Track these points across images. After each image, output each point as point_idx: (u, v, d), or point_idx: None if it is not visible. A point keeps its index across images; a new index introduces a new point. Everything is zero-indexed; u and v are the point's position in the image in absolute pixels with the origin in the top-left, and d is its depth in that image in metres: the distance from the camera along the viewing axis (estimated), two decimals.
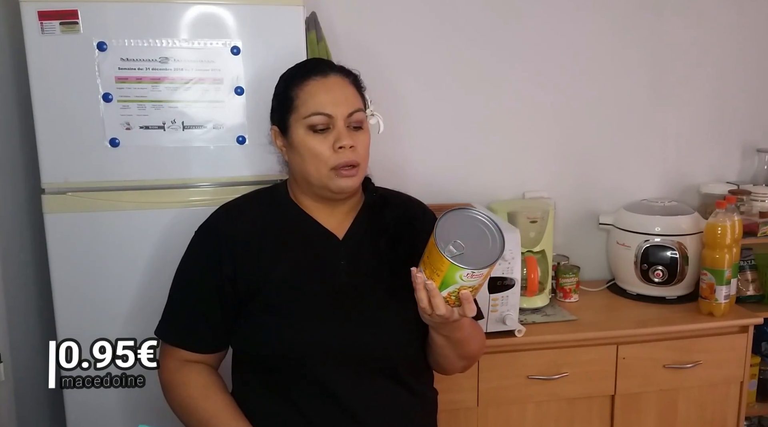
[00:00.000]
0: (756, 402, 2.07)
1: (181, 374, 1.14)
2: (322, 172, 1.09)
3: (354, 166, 1.09)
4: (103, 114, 1.44)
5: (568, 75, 2.14)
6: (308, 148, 1.09)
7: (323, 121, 1.08)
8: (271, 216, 1.16)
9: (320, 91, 1.09)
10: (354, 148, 1.08)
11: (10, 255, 1.55)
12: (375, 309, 1.11)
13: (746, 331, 1.84)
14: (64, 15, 1.39)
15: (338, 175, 1.09)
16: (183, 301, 1.16)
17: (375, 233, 1.16)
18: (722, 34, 2.23)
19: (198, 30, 1.45)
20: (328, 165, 1.08)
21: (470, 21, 2.05)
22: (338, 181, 1.09)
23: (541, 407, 1.76)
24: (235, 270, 1.10)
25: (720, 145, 2.30)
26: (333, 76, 1.11)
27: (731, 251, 1.83)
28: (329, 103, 1.08)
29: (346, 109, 1.09)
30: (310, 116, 1.08)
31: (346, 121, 1.09)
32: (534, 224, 1.90)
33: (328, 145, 1.08)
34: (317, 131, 1.08)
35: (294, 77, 1.13)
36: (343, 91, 1.10)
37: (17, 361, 1.54)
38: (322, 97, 1.08)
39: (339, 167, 1.08)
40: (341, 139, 1.07)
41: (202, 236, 1.17)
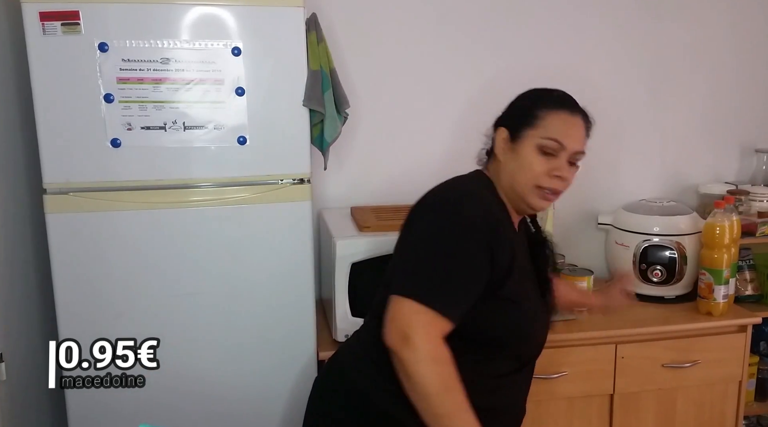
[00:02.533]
0: (754, 401, 2.08)
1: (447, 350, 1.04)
2: (528, 186, 1.18)
3: (556, 193, 1.20)
4: (104, 115, 1.45)
5: (568, 76, 2.14)
6: (529, 162, 1.18)
7: (555, 149, 1.17)
8: (498, 208, 1.22)
9: (566, 123, 1.20)
10: (566, 181, 1.20)
11: (11, 255, 1.56)
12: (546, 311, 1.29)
13: (745, 330, 1.85)
14: (65, 16, 1.40)
15: (540, 195, 1.19)
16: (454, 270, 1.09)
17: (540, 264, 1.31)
18: (720, 34, 2.23)
19: (199, 31, 1.46)
20: (536, 182, 1.17)
21: (470, 22, 2.05)
22: (537, 200, 1.20)
23: (540, 406, 1.76)
24: (493, 251, 1.12)
25: (718, 145, 2.31)
26: (579, 117, 1.23)
27: (730, 250, 1.84)
28: (568, 137, 1.18)
29: (577, 147, 1.20)
30: (548, 139, 1.17)
31: (571, 157, 1.19)
32: None
33: (546, 168, 1.17)
34: (545, 153, 1.17)
35: (547, 101, 1.24)
36: (581, 132, 1.23)
37: (18, 361, 1.54)
38: (566, 130, 1.19)
39: (545, 188, 1.18)
40: (561, 169, 1.18)
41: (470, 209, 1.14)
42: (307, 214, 1.59)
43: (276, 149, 1.55)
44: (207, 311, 1.57)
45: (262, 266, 1.58)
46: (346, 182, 2.03)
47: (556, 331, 1.76)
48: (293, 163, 1.57)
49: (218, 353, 1.59)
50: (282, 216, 1.57)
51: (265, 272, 1.59)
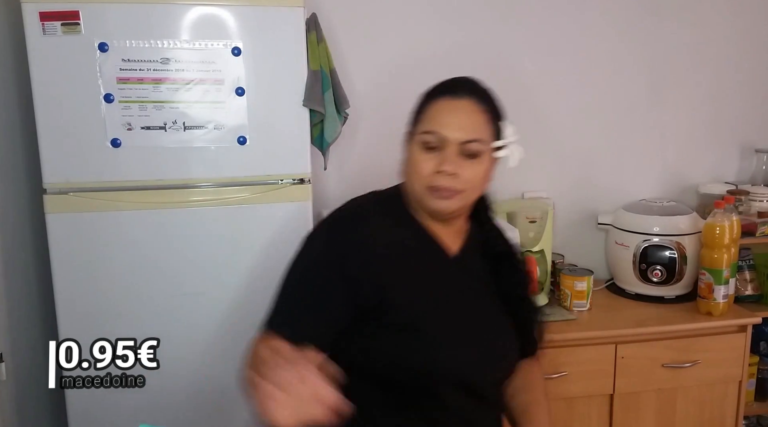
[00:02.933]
0: (754, 401, 2.08)
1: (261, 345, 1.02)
2: (421, 189, 1.07)
3: (450, 190, 1.05)
4: (104, 115, 1.45)
5: (568, 75, 2.15)
6: (414, 161, 1.07)
7: (435, 141, 1.04)
8: (395, 226, 1.11)
9: (444, 111, 1.07)
10: (456, 176, 1.04)
11: (11, 255, 1.56)
12: (496, 336, 1.12)
13: (745, 330, 1.85)
14: (65, 16, 1.40)
15: (433, 194, 1.05)
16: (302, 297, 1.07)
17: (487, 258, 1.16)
18: (720, 35, 2.23)
19: (199, 31, 1.46)
20: (425, 182, 1.05)
21: (470, 22, 2.05)
22: (433, 201, 1.06)
23: None
24: (363, 280, 1.04)
25: (718, 145, 2.31)
26: (465, 99, 1.07)
27: (729, 250, 1.84)
28: (447, 125, 1.05)
29: (462, 136, 1.04)
30: (425, 133, 1.06)
31: (460, 147, 1.04)
32: (533, 224, 1.91)
33: (432, 165, 1.05)
34: (428, 149, 1.05)
35: (431, 92, 1.12)
36: (468, 117, 1.06)
37: (18, 361, 1.54)
38: (443, 118, 1.06)
39: (435, 188, 1.05)
40: (443, 164, 1.04)
41: (333, 236, 1.09)
42: (307, 214, 1.59)
43: (276, 149, 1.55)
44: (207, 311, 1.56)
45: (262, 266, 1.58)
46: (346, 182, 2.03)
47: (556, 331, 1.76)
48: (293, 164, 1.57)
49: (218, 353, 1.59)
50: (282, 216, 1.57)
51: (266, 272, 1.58)
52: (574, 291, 1.91)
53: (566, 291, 1.92)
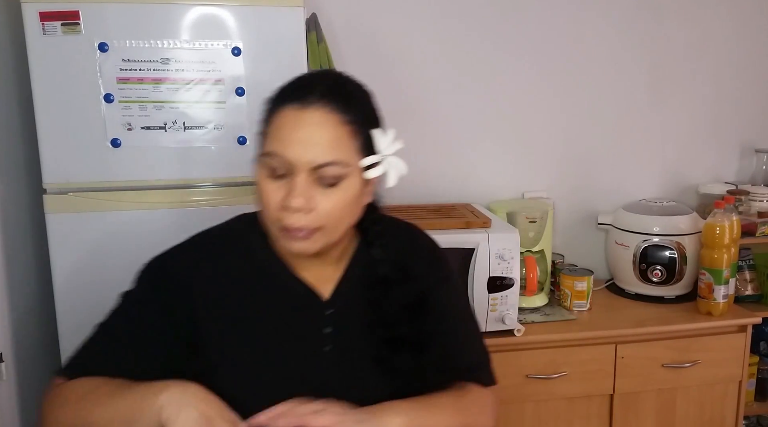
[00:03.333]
0: (754, 401, 2.08)
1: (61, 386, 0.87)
2: (273, 227, 0.85)
3: (303, 230, 0.83)
4: (104, 114, 1.45)
5: (568, 76, 2.15)
6: (260, 194, 0.85)
7: (282, 166, 0.81)
8: (241, 264, 0.91)
9: (288, 125, 0.82)
10: (309, 210, 0.81)
11: (11, 255, 1.55)
12: (360, 395, 0.87)
13: (745, 330, 1.85)
14: (65, 16, 1.40)
15: (285, 235, 0.83)
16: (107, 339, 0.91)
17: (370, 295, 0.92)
18: (721, 34, 2.23)
19: (199, 31, 1.46)
20: (274, 219, 0.84)
21: (471, 22, 2.05)
22: (285, 242, 0.85)
23: (539, 406, 1.76)
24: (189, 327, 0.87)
25: (718, 145, 2.31)
26: (314, 108, 0.81)
27: (729, 250, 1.84)
28: (293, 145, 0.81)
29: (314, 159, 0.80)
30: (265, 155, 0.83)
31: (314, 173, 0.81)
32: (533, 224, 1.91)
33: (280, 197, 0.82)
34: (276, 176, 0.83)
35: (276, 96, 0.87)
36: (320, 133, 0.81)
37: (18, 360, 1.54)
38: (288, 135, 0.81)
39: (285, 228, 0.83)
40: (290, 196, 0.80)
41: (152, 279, 0.92)
42: None
43: None
44: None
45: None
46: None
47: (556, 331, 1.76)
48: None
49: None
50: None
51: None
52: (574, 291, 1.91)
53: (566, 291, 1.92)
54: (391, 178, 0.89)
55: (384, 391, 0.88)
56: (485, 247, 1.67)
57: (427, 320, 0.94)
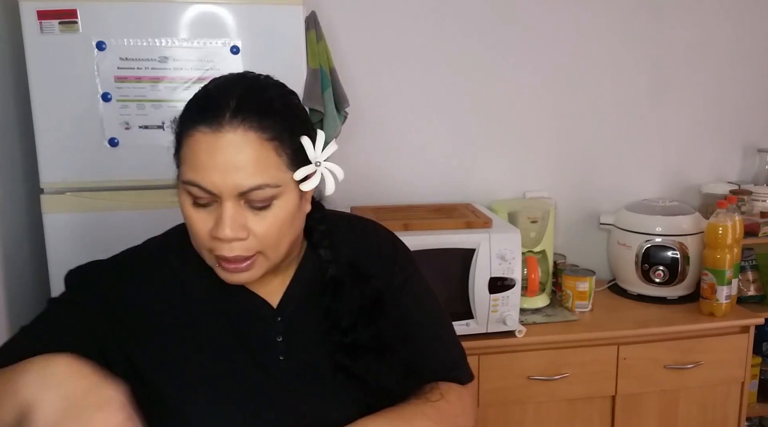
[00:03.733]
0: (757, 403, 2.07)
1: None
2: (206, 256, 0.79)
3: (236, 261, 0.77)
4: (102, 114, 1.44)
5: (569, 75, 2.14)
6: (188, 221, 0.78)
7: (204, 196, 0.75)
8: (183, 275, 0.85)
9: (204, 151, 0.73)
10: (246, 239, 0.75)
11: (9, 255, 1.55)
12: (319, 405, 0.84)
13: (747, 331, 1.84)
14: (63, 14, 1.39)
15: (222, 268, 0.78)
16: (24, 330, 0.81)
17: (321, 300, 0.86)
18: (723, 34, 2.22)
19: (197, 29, 1.45)
20: (206, 250, 0.78)
21: (471, 21, 2.04)
22: (222, 274, 0.79)
23: (541, 407, 1.75)
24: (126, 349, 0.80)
25: (721, 145, 2.30)
26: (231, 130, 0.73)
27: (732, 251, 1.83)
28: (213, 173, 0.73)
29: (240, 185, 0.73)
30: (186, 184, 0.75)
31: (240, 198, 0.74)
32: (535, 224, 1.90)
33: (209, 227, 0.76)
34: (198, 205, 0.76)
35: (187, 114, 0.78)
36: (242, 156, 0.73)
37: None
38: (205, 162, 0.73)
39: (219, 259, 0.77)
40: (219, 228, 0.74)
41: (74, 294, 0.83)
42: None
43: None
44: None
45: None
46: (346, 182, 2.01)
47: (557, 332, 1.75)
48: None
49: None
50: None
51: None
52: (576, 292, 1.89)
53: (568, 292, 1.91)
54: (329, 186, 0.83)
55: (346, 400, 0.84)
56: (486, 247, 1.66)
57: (392, 322, 0.88)
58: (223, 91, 0.77)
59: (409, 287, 0.95)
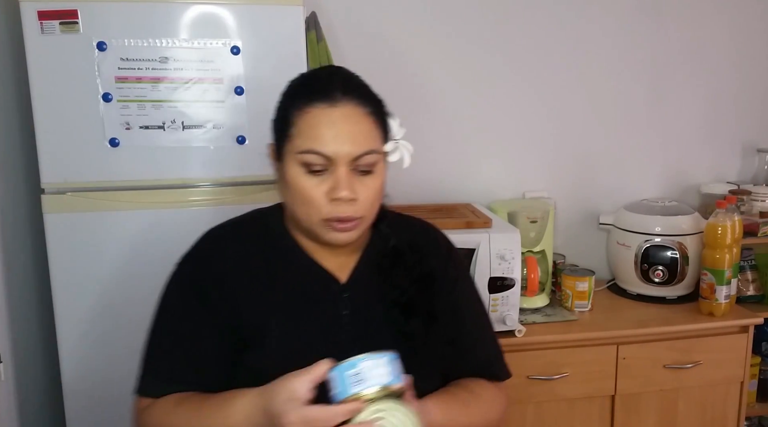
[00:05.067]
0: (756, 402, 2.07)
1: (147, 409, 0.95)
2: (313, 220, 0.90)
3: (350, 221, 0.89)
4: (102, 114, 1.44)
5: (569, 76, 2.14)
6: (299, 190, 0.89)
7: (321, 163, 0.87)
8: (264, 252, 0.97)
9: (322, 123, 0.87)
10: (354, 200, 0.88)
11: (10, 255, 1.55)
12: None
13: (746, 331, 1.84)
14: (63, 15, 1.39)
15: (330, 227, 0.89)
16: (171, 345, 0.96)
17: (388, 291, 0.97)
18: (721, 34, 2.23)
19: (198, 30, 1.45)
20: (320, 214, 0.88)
21: (471, 22, 2.04)
22: (330, 235, 0.90)
23: (541, 407, 1.75)
24: (225, 313, 0.94)
25: (720, 145, 2.30)
26: (343, 105, 0.87)
27: (731, 251, 1.83)
28: (331, 141, 0.86)
29: (353, 151, 0.87)
30: (304, 153, 0.87)
31: (351, 164, 0.87)
32: (534, 224, 1.90)
33: (323, 191, 0.87)
34: (313, 172, 0.88)
35: (296, 97, 0.91)
36: (354, 127, 0.88)
37: (17, 361, 1.53)
38: (324, 132, 0.86)
39: (332, 220, 0.89)
40: (339, 189, 0.86)
41: (188, 270, 0.98)
42: None
43: None
44: None
45: None
46: None
47: (557, 331, 1.76)
48: None
49: None
50: None
51: None
52: (575, 291, 1.90)
53: (567, 291, 1.91)
54: (406, 159, 0.96)
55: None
56: (486, 247, 1.66)
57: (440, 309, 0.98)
58: (328, 76, 0.93)
59: (461, 283, 1.06)
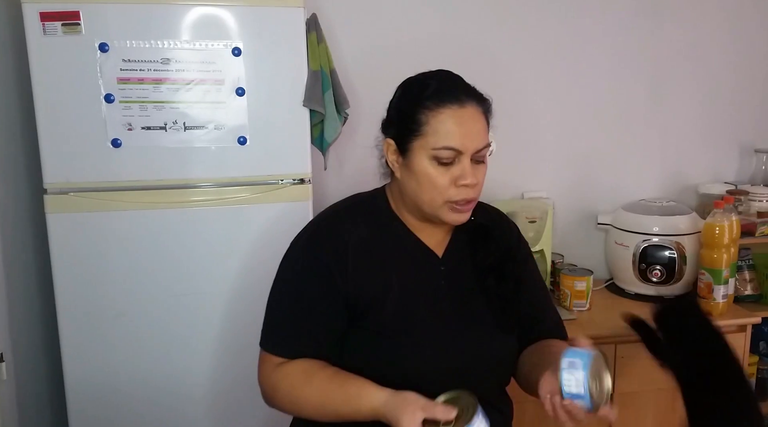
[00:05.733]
0: None
1: (278, 371, 1.06)
2: (437, 203, 1.04)
3: (470, 202, 1.05)
4: (104, 115, 1.45)
5: (568, 76, 2.15)
6: (429, 178, 1.02)
7: (451, 156, 1.01)
8: (376, 229, 1.10)
9: (455, 123, 1.01)
10: (475, 186, 1.04)
11: (12, 255, 1.56)
12: (479, 339, 1.09)
13: (744, 330, 1.85)
14: (65, 16, 1.40)
15: (453, 209, 1.04)
16: (291, 310, 1.08)
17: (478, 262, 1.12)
18: (719, 34, 2.24)
19: (199, 31, 1.46)
20: (444, 197, 1.03)
21: (471, 24, 2.05)
22: (452, 215, 1.05)
23: (541, 407, 1.75)
24: (346, 284, 1.05)
25: (718, 145, 2.31)
26: (469, 106, 1.03)
27: (729, 250, 1.84)
28: (461, 138, 1.01)
29: (476, 145, 1.02)
30: (439, 149, 1.01)
31: (474, 156, 1.03)
32: (533, 224, 1.91)
33: (449, 178, 1.02)
34: (442, 164, 1.02)
35: (426, 99, 1.03)
36: (477, 124, 1.03)
37: (19, 360, 1.54)
38: (456, 130, 1.01)
39: (457, 202, 1.03)
40: (466, 176, 1.01)
41: (311, 245, 1.09)
42: (307, 214, 1.59)
43: (276, 149, 1.56)
44: (207, 311, 1.57)
45: (262, 266, 1.57)
46: (346, 182, 2.03)
47: None
48: (293, 164, 1.57)
49: (218, 353, 1.59)
50: (282, 216, 1.57)
51: (266, 272, 1.58)
52: (573, 291, 1.91)
53: (566, 291, 1.92)
54: (494, 149, 1.18)
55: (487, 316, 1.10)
56: None
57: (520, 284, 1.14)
58: (451, 80, 1.08)
59: (530, 260, 1.24)
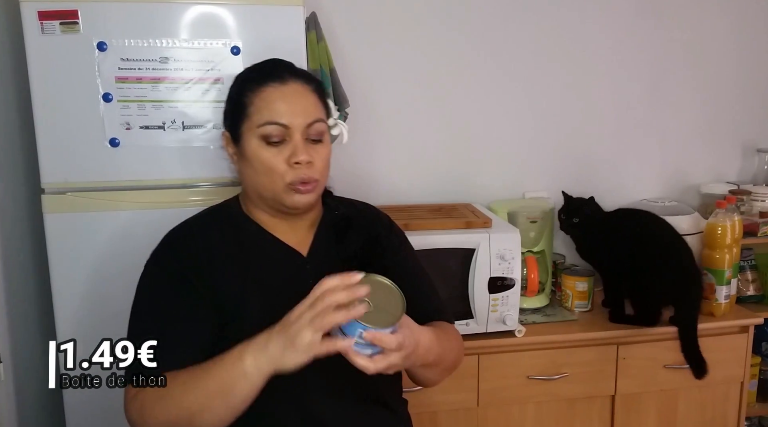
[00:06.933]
0: (756, 402, 2.07)
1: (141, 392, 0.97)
2: (277, 187, 1.02)
3: (309, 182, 1.02)
4: (103, 114, 1.44)
5: (569, 76, 2.14)
6: (261, 161, 1.01)
7: (278, 133, 1.00)
8: (230, 234, 1.07)
9: (277, 98, 1.01)
10: (311, 164, 1.01)
11: (10, 255, 1.55)
12: None
13: (746, 331, 1.84)
14: (64, 15, 1.39)
15: (294, 190, 1.02)
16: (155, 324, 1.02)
17: (341, 252, 1.09)
18: (721, 34, 2.23)
19: (198, 30, 1.45)
20: (284, 180, 1.01)
21: (471, 23, 2.05)
22: (293, 198, 1.02)
23: (541, 407, 1.75)
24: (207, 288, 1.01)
25: (720, 145, 2.30)
26: (292, 82, 1.03)
27: (731, 251, 1.83)
28: (286, 113, 1.00)
29: (305, 120, 1.01)
30: (264, 126, 1.00)
31: (305, 132, 1.01)
32: (534, 224, 1.90)
33: (283, 159, 1.00)
34: (271, 143, 1.00)
35: (249, 81, 1.04)
36: (303, 100, 1.02)
37: (17, 361, 1.53)
38: (279, 106, 1.00)
39: (294, 183, 1.01)
40: (297, 153, 1.00)
41: (162, 259, 1.05)
42: None
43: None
44: None
45: None
46: (345, 182, 2.01)
47: (557, 331, 1.76)
48: None
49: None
50: None
51: None
52: (575, 292, 1.90)
53: (568, 292, 1.91)
54: (345, 135, 1.19)
55: None
56: (486, 247, 1.66)
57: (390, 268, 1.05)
58: (274, 63, 1.08)
59: (404, 247, 1.19)
